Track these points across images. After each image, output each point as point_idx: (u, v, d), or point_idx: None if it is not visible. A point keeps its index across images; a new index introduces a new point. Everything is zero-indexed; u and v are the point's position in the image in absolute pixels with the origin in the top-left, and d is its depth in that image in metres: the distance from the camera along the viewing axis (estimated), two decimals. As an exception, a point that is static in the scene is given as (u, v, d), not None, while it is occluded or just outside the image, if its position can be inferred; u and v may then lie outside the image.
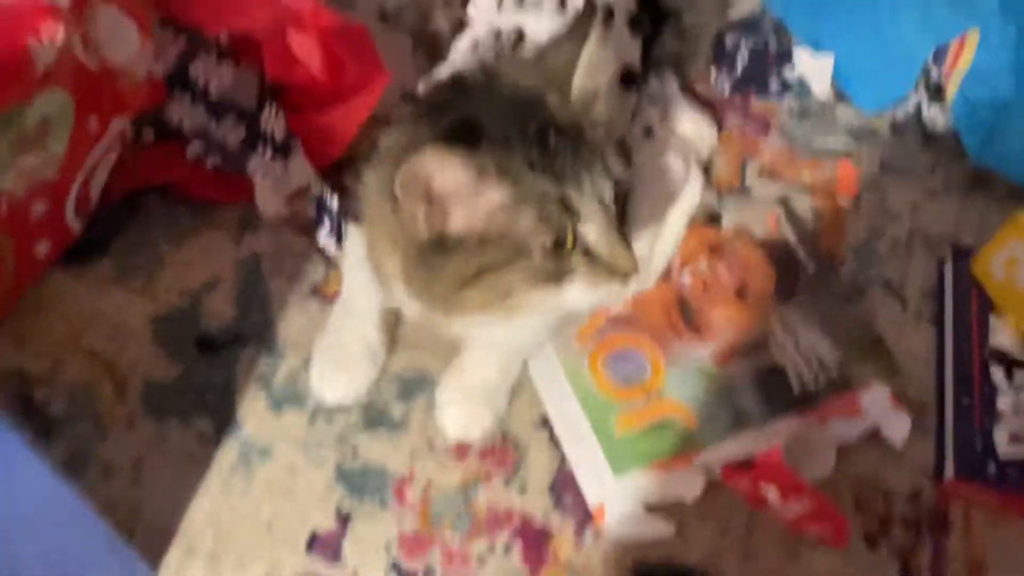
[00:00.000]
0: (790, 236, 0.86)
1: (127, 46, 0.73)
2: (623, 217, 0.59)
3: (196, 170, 0.78)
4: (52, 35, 0.59)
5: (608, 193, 0.57)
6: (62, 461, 0.68)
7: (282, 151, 0.77)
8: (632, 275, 0.58)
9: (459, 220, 0.56)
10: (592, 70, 0.59)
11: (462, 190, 0.55)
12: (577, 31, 0.59)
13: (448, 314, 0.59)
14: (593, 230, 0.56)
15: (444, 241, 0.55)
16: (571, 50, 0.59)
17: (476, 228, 0.56)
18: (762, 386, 0.77)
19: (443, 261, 0.56)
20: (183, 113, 0.78)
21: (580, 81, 0.58)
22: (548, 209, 0.55)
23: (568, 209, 0.55)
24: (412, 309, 0.62)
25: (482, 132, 0.55)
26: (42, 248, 0.71)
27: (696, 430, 0.74)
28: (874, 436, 0.75)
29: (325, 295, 0.78)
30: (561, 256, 0.56)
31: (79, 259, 0.76)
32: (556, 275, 0.57)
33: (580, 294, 0.58)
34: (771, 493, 0.68)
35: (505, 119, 0.57)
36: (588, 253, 0.57)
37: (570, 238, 0.56)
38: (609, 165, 0.57)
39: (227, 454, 0.70)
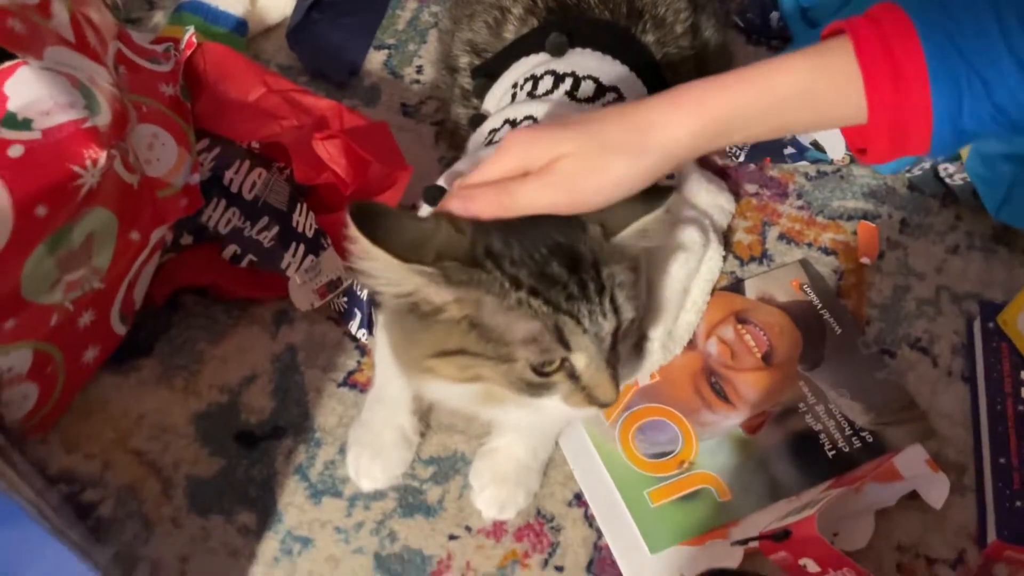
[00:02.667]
0: (814, 299, 0.86)
1: (166, 159, 0.78)
2: (615, 343, 0.58)
3: (232, 269, 0.82)
4: (95, 159, 0.64)
5: (607, 329, 0.57)
6: (112, 560, 0.70)
7: (313, 247, 0.81)
8: (609, 405, 0.58)
9: (452, 307, 0.57)
10: (644, 233, 0.60)
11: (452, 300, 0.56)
12: (654, 195, 0.60)
13: (417, 375, 0.60)
14: (582, 360, 0.57)
15: (436, 312, 0.57)
16: (636, 207, 0.59)
17: (457, 312, 0.57)
18: (795, 453, 0.77)
19: (427, 326, 0.57)
20: (219, 217, 0.82)
21: (627, 234, 0.59)
22: (542, 336, 0.55)
23: (561, 339, 0.56)
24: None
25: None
26: (90, 354, 0.74)
27: (730, 501, 0.74)
28: (913, 499, 0.75)
29: (359, 383, 0.80)
30: (544, 374, 0.57)
31: (124, 361, 0.79)
32: (533, 388, 0.57)
33: (555, 408, 0.59)
34: (810, 564, 0.68)
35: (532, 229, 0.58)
36: (572, 376, 0.57)
37: (556, 362, 0.57)
38: (618, 304, 0.57)
39: (269, 546, 0.72)
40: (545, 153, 0.57)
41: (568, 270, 0.56)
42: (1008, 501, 0.73)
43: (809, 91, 0.55)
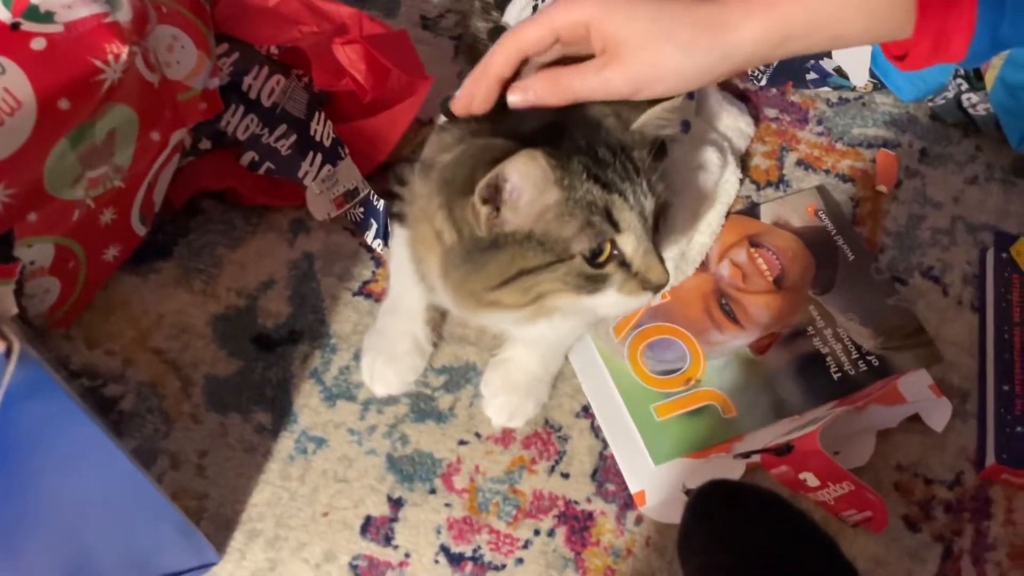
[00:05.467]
0: (829, 225, 0.87)
1: (185, 62, 0.77)
2: (659, 228, 0.61)
3: (250, 176, 0.82)
4: (117, 54, 0.64)
5: (649, 208, 0.59)
6: (132, 453, 0.72)
7: (331, 156, 0.81)
8: (663, 287, 0.60)
9: (515, 220, 0.59)
10: (659, 120, 0.61)
11: (531, 192, 0.57)
12: None
13: (478, 310, 0.62)
14: (631, 244, 0.59)
15: (496, 240, 0.58)
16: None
17: (526, 228, 0.58)
18: (802, 374, 0.78)
19: (488, 259, 0.59)
20: (237, 123, 0.82)
21: (643, 121, 0.61)
22: (593, 217, 0.57)
23: (611, 220, 0.58)
24: (451, 304, 0.65)
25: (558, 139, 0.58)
26: (111, 252, 0.75)
27: (735, 418, 0.76)
28: (915, 422, 0.76)
29: (374, 293, 0.81)
30: (598, 265, 0.59)
31: (145, 262, 0.81)
32: (590, 283, 0.59)
33: (612, 302, 0.61)
34: (810, 479, 0.70)
35: (562, 130, 0.60)
36: (623, 264, 0.59)
37: (608, 247, 0.58)
38: (653, 184, 0.60)
39: (285, 444, 0.74)
40: (611, 24, 0.56)
41: (611, 153, 0.58)
42: (1009, 426, 0.74)
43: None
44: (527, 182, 0.56)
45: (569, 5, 0.57)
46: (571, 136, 0.59)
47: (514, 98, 0.60)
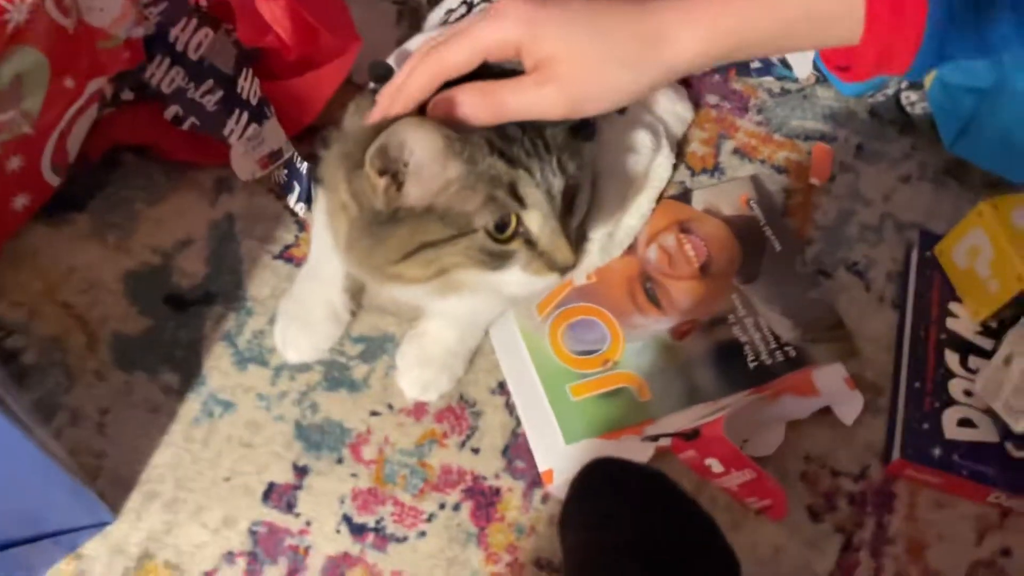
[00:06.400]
0: (759, 215, 0.87)
1: (109, 10, 0.75)
2: (570, 211, 0.60)
3: (173, 131, 0.80)
4: (22, -6, 0.61)
5: (557, 187, 0.58)
6: (31, 406, 0.71)
7: (257, 116, 0.79)
8: (569, 269, 0.59)
9: (414, 192, 0.58)
10: None
11: (429, 163, 0.56)
12: None
13: (384, 283, 0.61)
14: (536, 220, 0.58)
15: (395, 213, 0.57)
16: None
17: (426, 201, 0.57)
18: (718, 362, 0.78)
19: (389, 232, 0.58)
20: (162, 75, 0.80)
21: None
22: (497, 192, 0.57)
23: (516, 195, 0.57)
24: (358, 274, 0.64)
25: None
26: (20, 201, 0.73)
27: (649, 401, 0.76)
28: (827, 415, 0.77)
29: (295, 257, 0.80)
30: (502, 241, 0.58)
31: (58, 214, 0.78)
32: (494, 259, 0.59)
33: (516, 281, 0.60)
34: (715, 464, 0.70)
35: None
36: (529, 242, 0.58)
37: (512, 224, 0.57)
38: (563, 163, 0.59)
39: (191, 407, 0.73)
40: (544, 41, 0.53)
41: (520, 129, 0.57)
42: (916, 423, 0.75)
43: (813, 12, 0.53)
44: (424, 152, 0.55)
45: (496, 24, 0.54)
46: None
47: (439, 109, 0.56)
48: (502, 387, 0.77)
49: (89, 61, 0.72)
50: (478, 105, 0.55)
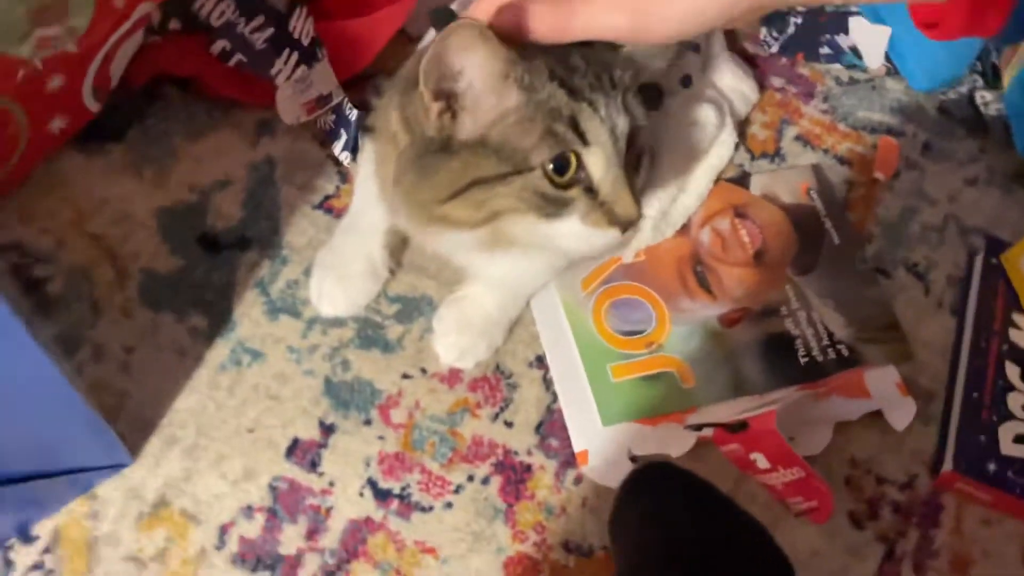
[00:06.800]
0: (819, 206, 0.83)
1: (162, -70, 0.71)
2: (638, 168, 0.56)
3: (219, 66, 0.77)
4: (78, -100, 0.58)
5: (622, 128, 0.54)
6: (55, 338, 0.68)
7: (307, 57, 0.76)
8: (632, 225, 0.55)
9: (468, 121, 0.54)
10: (648, 47, 0.57)
11: (484, 85, 0.52)
12: None
13: (429, 225, 0.57)
14: (599, 163, 0.54)
15: (448, 144, 0.54)
16: None
17: (480, 132, 0.53)
18: (767, 354, 0.75)
19: (439, 165, 0.54)
20: (212, 7, 0.76)
21: (631, 46, 0.56)
22: (556, 125, 0.53)
23: (577, 131, 0.53)
24: (405, 220, 0.60)
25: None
26: (57, 124, 0.70)
27: (692, 389, 0.72)
28: (876, 419, 0.73)
29: (335, 208, 0.77)
30: (561, 185, 0.54)
31: (94, 142, 0.75)
32: (551, 205, 0.54)
33: (574, 232, 0.55)
34: (760, 460, 0.67)
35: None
36: (590, 191, 0.54)
37: (573, 163, 0.53)
38: (629, 103, 0.55)
39: (218, 353, 0.70)
40: None
41: (585, 61, 0.53)
42: (971, 435, 0.71)
43: None
44: (480, 71, 0.51)
45: None
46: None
47: (505, 20, 0.53)
48: (540, 361, 0.73)
49: (139, -17, 0.68)
50: (544, 15, 0.52)
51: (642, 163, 0.58)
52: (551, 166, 0.53)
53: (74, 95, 0.69)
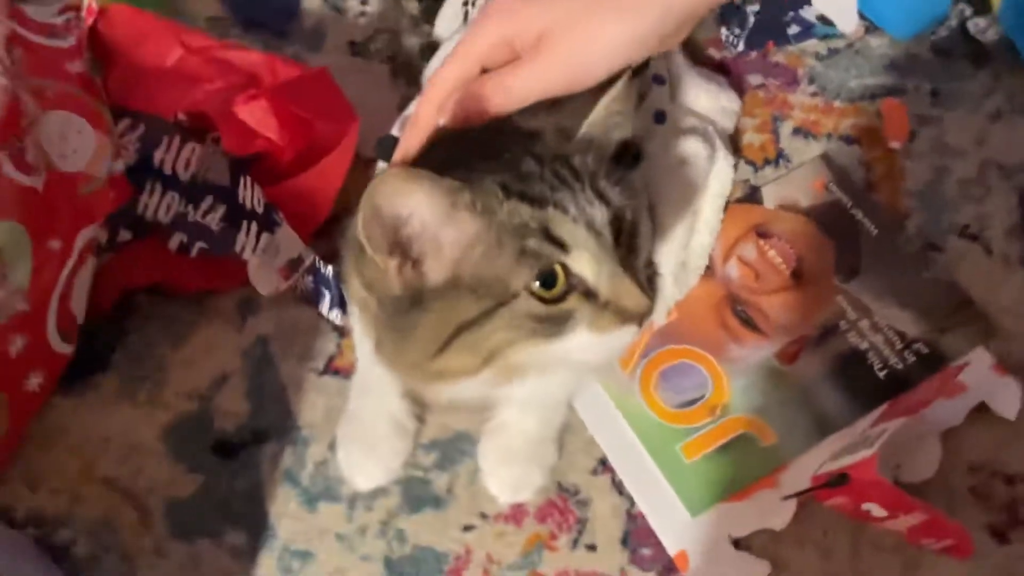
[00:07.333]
0: (842, 198, 0.76)
1: (83, 150, 0.68)
2: (635, 246, 0.50)
3: (182, 261, 0.73)
4: (-26, 167, 0.54)
5: (600, 219, 0.48)
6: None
7: (267, 224, 0.71)
8: (648, 315, 0.49)
9: (434, 265, 0.49)
10: (608, 119, 0.52)
11: (436, 219, 0.47)
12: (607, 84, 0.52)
13: (428, 383, 0.52)
14: (588, 265, 0.47)
15: (418, 297, 0.48)
16: (589, 98, 0.52)
17: (449, 273, 0.48)
18: (842, 379, 0.68)
19: (415, 321, 0.48)
20: (156, 204, 0.72)
21: (590, 123, 0.51)
22: (528, 242, 0.47)
23: (552, 240, 0.47)
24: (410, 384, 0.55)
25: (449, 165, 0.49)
26: (34, 382, 0.66)
27: (775, 445, 0.65)
28: (982, 412, 0.65)
29: (341, 369, 0.71)
30: (553, 301, 0.48)
31: (79, 381, 0.71)
32: (551, 326, 0.48)
33: (585, 345, 0.49)
34: (874, 509, 0.59)
35: (482, 152, 0.50)
36: (588, 295, 0.48)
37: (560, 275, 0.47)
38: (601, 189, 0.49)
39: (266, 565, 0.65)
40: (528, 24, 0.51)
41: (539, 163, 0.49)
42: (1094, 402, 0.63)
43: None
44: (423, 211, 0.46)
45: (481, 28, 0.52)
46: (490, 154, 0.50)
47: (454, 118, 0.52)
48: (604, 464, 0.67)
49: (72, 213, 0.65)
50: (484, 97, 0.51)
51: (638, 241, 0.52)
52: (536, 284, 0.47)
53: (42, 347, 0.65)
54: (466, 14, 0.72)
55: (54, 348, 0.66)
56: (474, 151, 0.51)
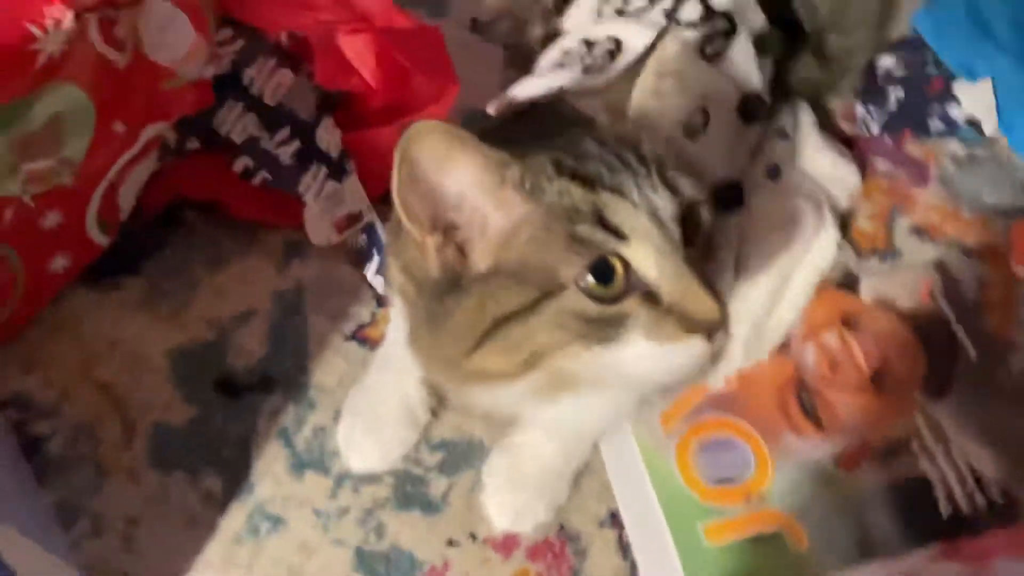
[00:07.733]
0: (947, 311, 0.69)
1: (177, 45, 0.64)
2: (710, 254, 0.44)
3: (242, 186, 0.69)
4: (58, 20, 0.51)
5: (667, 209, 0.42)
6: (51, 507, 0.59)
7: (337, 171, 0.67)
8: (719, 327, 0.42)
9: (480, 246, 0.43)
10: (653, 89, 0.47)
11: (477, 199, 0.42)
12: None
13: (466, 386, 0.46)
14: (648, 257, 0.41)
15: (456, 281, 0.43)
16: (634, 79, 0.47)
17: (491, 258, 0.43)
18: (900, 503, 0.60)
19: (452, 307, 0.43)
20: (233, 122, 0.69)
21: (638, 101, 0.46)
22: (580, 227, 0.41)
23: (607, 227, 0.41)
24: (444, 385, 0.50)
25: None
26: (59, 263, 0.63)
27: (808, 553, 0.58)
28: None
29: (370, 339, 0.67)
30: (608, 299, 0.42)
31: (107, 277, 0.68)
32: (602, 328, 0.42)
33: (642, 358, 0.42)
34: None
35: (537, 132, 0.46)
36: (649, 297, 0.42)
37: (618, 268, 0.41)
38: (669, 178, 0.43)
39: (234, 520, 0.60)
40: None
41: (598, 144, 0.44)
42: None
43: None
44: (467, 179, 0.42)
45: None
46: (546, 134, 0.45)
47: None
48: (614, 518, 0.61)
49: (146, 104, 0.61)
50: None
51: (716, 245, 0.46)
52: (589, 279, 0.41)
53: (76, 231, 0.62)
54: (599, 11, 0.67)
55: (89, 235, 0.63)
56: (529, 131, 0.47)
